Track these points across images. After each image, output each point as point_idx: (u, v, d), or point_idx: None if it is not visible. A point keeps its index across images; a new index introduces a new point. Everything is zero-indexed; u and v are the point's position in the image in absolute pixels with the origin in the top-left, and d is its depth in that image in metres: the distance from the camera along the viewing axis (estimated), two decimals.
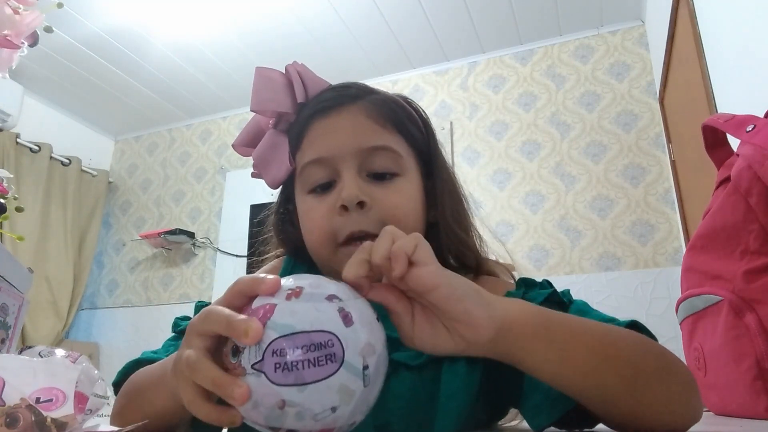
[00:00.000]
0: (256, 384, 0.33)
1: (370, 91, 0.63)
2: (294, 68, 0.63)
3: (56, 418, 0.39)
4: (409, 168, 0.60)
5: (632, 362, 0.42)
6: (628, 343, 0.43)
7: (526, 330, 0.41)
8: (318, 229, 0.58)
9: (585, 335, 0.42)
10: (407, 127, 0.62)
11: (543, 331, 0.41)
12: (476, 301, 0.40)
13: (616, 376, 0.41)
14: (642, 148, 2.48)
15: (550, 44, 2.82)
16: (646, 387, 0.41)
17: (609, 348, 0.42)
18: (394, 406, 0.52)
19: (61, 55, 2.90)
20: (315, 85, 0.64)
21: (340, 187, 0.57)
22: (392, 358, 0.52)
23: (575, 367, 0.41)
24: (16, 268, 0.68)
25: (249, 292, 0.36)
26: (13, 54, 0.82)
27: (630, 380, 0.41)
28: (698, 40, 1.62)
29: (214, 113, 3.54)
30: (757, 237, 0.66)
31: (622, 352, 0.42)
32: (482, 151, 2.77)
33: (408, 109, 0.64)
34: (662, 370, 0.43)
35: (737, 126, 0.75)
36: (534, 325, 0.41)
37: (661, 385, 0.42)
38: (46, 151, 3.18)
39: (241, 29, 2.73)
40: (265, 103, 0.63)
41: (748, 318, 0.65)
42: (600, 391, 0.42)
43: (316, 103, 0.62)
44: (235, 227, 3.18)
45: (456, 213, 0.63)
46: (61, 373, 0.42)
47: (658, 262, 2.30)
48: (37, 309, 2.96)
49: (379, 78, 3.09)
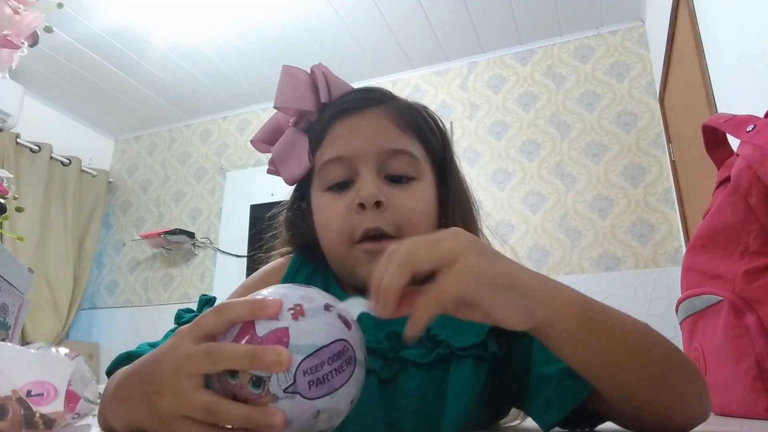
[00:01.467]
0: (291, 405, 0.34)
1: (393, 97, 0.65)
2: (319, 69, 0.65)
3: (45, 413, 0.39)
4: (425, 173, 0.62)
5: (662, 361, 0.42)
6: (658, 343, 0.43)
7: (566, 328, 0.40)
8: (335, 226, 0.59)
9: (623, 335, 0.42)
10: (426, 134, 0.63)
11: (584, 332, 0.40)
12: (513, 302, 0.38)
13: (646, 375, 0.41)
14: (642, 148, 2.48)
15: (550, 44, 2.82)
16: (670, 384, 0.42)
17: (642, 348, 0.42)
18: (403, 403, 0.53)
19: (61, 55, 2.90)
20: (338, 87, 0.65)
21: (358, 186, 0.58)
22: (402, 356, 0.53)
23: (608, 365, 0.41)
24: (16, 268, 0.68)
25: (246, 318, 0.35)
26: (13, 54, 0.82)
27: (659, 378, 0.41)
28: (698, 40, 1.62)
29: (214, 113, 3.54)
30: (757, 237, 0.66)
31: (654, 351, 0.42)
32: (482, 151, 2.77)
33: (427, 118, 0.66)
34: (682, 368, 0.43)
35: (737, 126, 0.74)
36: (576, 325, 0.40)
37: (682, 381, 0.42)
38: (46, 151, 3.18)
39: (241, 29, 2.73)
40: (289, 100, 0.64)
41: (748, 318, 0.65)
42: (628, 388, 0.42)
43: (340, 103, 0.63)
44: (235, 227, 3.18)
45: (465, 221, 0.65)
46: (55, 367, 0.42)
47: (658, 262, 2.30)
48: (37, 309, 2.96)
49: (379, 78, 3.09)
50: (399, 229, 0.56)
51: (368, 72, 3.05)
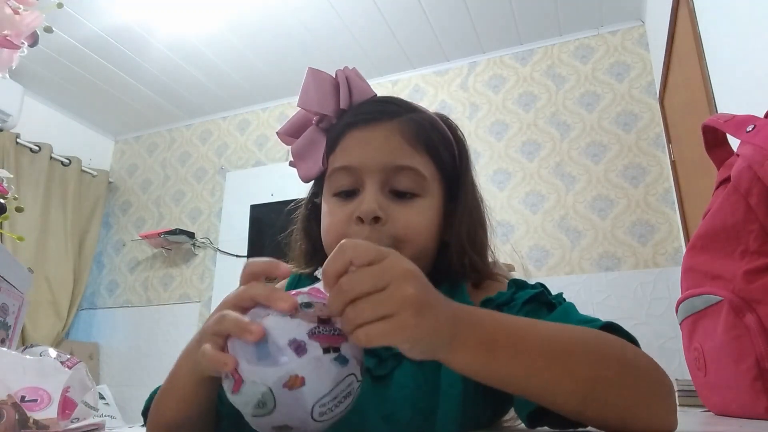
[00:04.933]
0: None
1: (411, 109, 0.65)
2: (343, 74, 0.66)
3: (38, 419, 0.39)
4: (431, 190, 0.62)
5: (588, 365, 0.42)
6: (588, 348, 0.43)
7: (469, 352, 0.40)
8: (334, 232, 0.60)
9: (533, 342, 0.42)
10: (438, 151, 0.64)
11: (485, 349, 0.40)
12: (425, 353, 0.39)
13: (570, 379, 0.41)
14: (642, 148, 2.48)
15: (550, 44, 2.82)
16: (604, 391, 0.41)
17: (563, 352, 0.42)
18: (398, 396, 0.54)
19: (61, 55, 2.90)
20: (361, 93, 0.66)
21: (361, 199, 0.59)
22: (396, 352, 0.54)
23: (518, 372, 0.41)
24: (16, 268, 0.68)
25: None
26: (13, 54, 0.82)
27: (584, 383, 0.41)
28: (698, 40, 1.62)
29: (214, 113, 3.54)
30: (757, 237, 0.66)
31: (577, 356, 0.42)
32: (482, 151, 2.77)
33: (444, 133, 0.66)
34: (624, 375, 0.43)
35: (737, 126, 0.74)
36: (476, 344, 0.40)
37: (621, 389, 0.42)
38: (46, 151, 3.18)
39: (241, 29, 2.72)
40: (311, 102, 0.65)
41: (748, 318, 0.65)
42: (550, 393, 0.41)
43: (356, 113, 0.64)
44: (235, 227, 3.18)
45: (473, 235, 0.65)
46: (50, 374, 0.42)
47: (658, 262, 2.30)
48: (37, 309, 2.95)
49: (379, 78, 3.09)
50: (396, 243, 0.57)
51: (368, 72, 3.05)
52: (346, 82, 0.65)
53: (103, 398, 2.82)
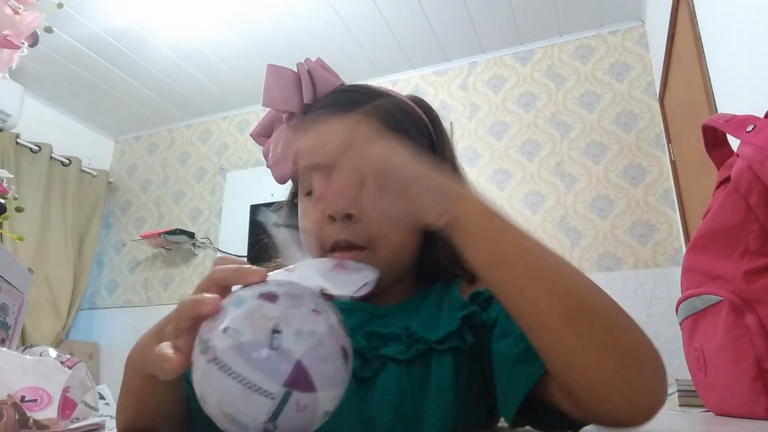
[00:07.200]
0: None
1: (376, 95, 0.61)
2: (304, 67, 0.63)
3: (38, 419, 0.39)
4: None
5: (576, 294, 0.40)
6: (584, 285, 0.41)
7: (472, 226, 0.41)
8: (309, 233, 0.57)
9: (534, 257, 0.41)
10: (411, 135, 0.59)
11: (490, 238, 0.41)
12: (430, 200, 0.40)
13: (555, 301, 0.39)
14: (642, 149, 2.48)
15: (550, 44, 2.82)
16: (588, 327, 0.38)
17: (556, 275, 0.41)
18: (380, 400, 0.51)
19: (61, 55, 2.90)
20: (325, 84, 0.63)
21: None
22: (380, 353, 0.52)
23: (515, 280, 0.40)
24: (16, 268, 0.68)
25: None
26: (13, 54, 0.82)
27: (571, 296, 0.39)
28: (698, 40, 1.62)
29: (214, 113, 3.54)
30: (757, 237, 0.66)
31: (570, 284, 0.41)
32: (482, 151, 2.77)
33: (417, 115, 0.63)
34: (615, 326, 0.40)
35: (737, 126, 0.74)
36: (482, 225, 0.41)
37: (610, 335, 0.38)
38: (46, 151, 3.18)
39: (241, 29, 2.73)
40: (275, 101, 0.63)
41: (748, 318, 0.65)
42: (534, 313, 0.39)
43: (320, 106, 0.61)
44: (235, 227, 3.18)
45: None
46: (50, 374, 0.42)
47: (658, 263, 2.30)
48: (37, 309, 2.95)
49: (379, 78, 3.09)
50: (370, 240, 0.55)
51: (368, 72, 3.05)
52: (308, 75, 0.62)
53: (103, 398, 2.81)
